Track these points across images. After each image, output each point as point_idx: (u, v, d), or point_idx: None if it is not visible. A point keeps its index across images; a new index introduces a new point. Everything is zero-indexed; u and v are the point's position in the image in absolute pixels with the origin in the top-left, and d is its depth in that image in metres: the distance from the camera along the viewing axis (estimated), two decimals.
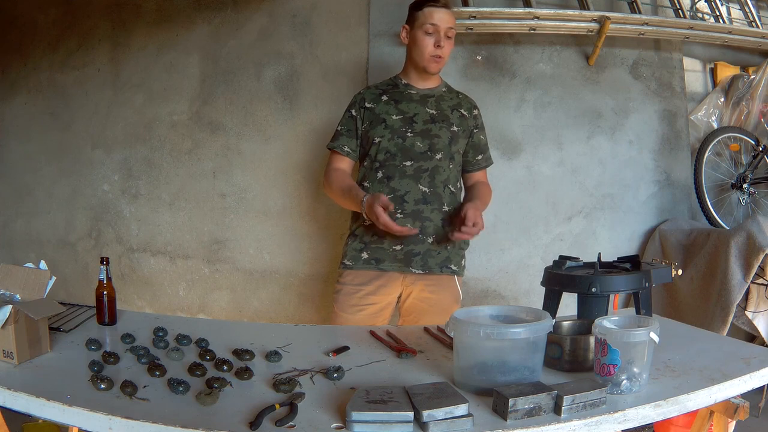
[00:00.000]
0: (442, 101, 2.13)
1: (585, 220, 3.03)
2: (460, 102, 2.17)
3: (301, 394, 1.17)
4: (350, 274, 2.09)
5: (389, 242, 2.03)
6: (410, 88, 2.13)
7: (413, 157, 2.04)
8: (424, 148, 2.05)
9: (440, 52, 2.03)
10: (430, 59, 2.04)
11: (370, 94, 2.13)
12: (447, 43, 2.04)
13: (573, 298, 1.48)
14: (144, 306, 3.14)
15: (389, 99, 2.10)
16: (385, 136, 2.05)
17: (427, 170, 2.04)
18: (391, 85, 2.16)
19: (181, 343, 1.47)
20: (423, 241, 2.04)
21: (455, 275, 2.12)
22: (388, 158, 2.05)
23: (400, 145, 2.04)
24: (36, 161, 3.26)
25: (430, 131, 2.06)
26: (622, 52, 3.07)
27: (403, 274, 2.07)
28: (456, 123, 2.10)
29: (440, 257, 2.07)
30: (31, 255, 3.19)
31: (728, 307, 2.47)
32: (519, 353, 1.20)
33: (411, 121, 2.06)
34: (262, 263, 3.05)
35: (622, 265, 1.54)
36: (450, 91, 2.19)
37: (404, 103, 2.09)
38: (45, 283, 1.39)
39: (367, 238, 2.07)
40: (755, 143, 3.20)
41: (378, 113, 2.08)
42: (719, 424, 1.37)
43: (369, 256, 2.06)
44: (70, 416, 1.08)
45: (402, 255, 2.04)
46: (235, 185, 3.05)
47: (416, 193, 2.03)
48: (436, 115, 2.09)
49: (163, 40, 3.09)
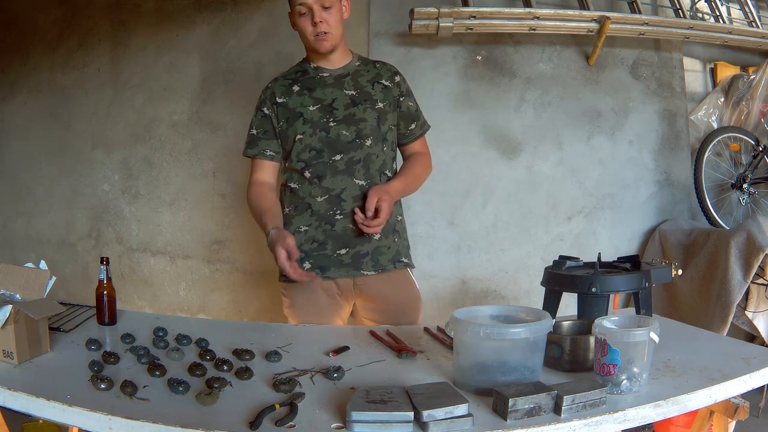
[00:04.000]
0: (359, 77, 1.91)
1: (585, 220, 3.03)
2: (378, 72, 1.94)
3: (301, 394, 1.17)
4: (295, 288, 1.88)
5: (332, 246, 1.85)
6: (321, 71, 1.91)
7: (341, 148, 1.84)
8: (350, 136, 1.84)
9: (322, 28, 1.80)
10: (314, 40, 1.83)
11: (280, 87, 1.90)
12: (327, 15, 1.80)
13: (573, 298, 1.48)
14: (144, 306, 3.14)
15: (302, 88, 1.88)
16: (306, 132, 1.84)
17: (359, 161, 1.84)
18: (300, 71, 1.93)
19: (181, 343, 1.47)
20: (369, 240, 1.86)
21: (407, 268, 1.96)
22: (313, 156, 1.84)
23: (325, 139, 1.84)
24: (36, 161, 3.26)
25: (354, 116, 1.85)
26: (622, 52, 3.07)
27: (353, 279, 1.88)
28: (380, 98, 1.89)
29: (391, 252, 1.90)
30: (31, 255, 3.19)
31: (728, 307, 2.47)
32: (519, 353, 1.20)
33: (330, 108, 1.85)
34: (262, 263, 3.04)
35: (622, 265, 1.54)
36: (365, 63, 1.97)
37: (318, 89, 1.87)
38: (45, 283, 1.39)
39: (306, 246, 1.86)
40: (755, 143, 3.20)
41: (293, 107, 1.86)
42: (719, 424, 1.37)
43: (312, 266, 1.86)
44: (70, 416, 1.08)
45: (349, 259, 1.85)
46: (235, 185, 3.05)
47: (353, 189, 1.83)
48: (356, 95, 1.87)
49: (163, 40, 3.09)
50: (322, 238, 1.86)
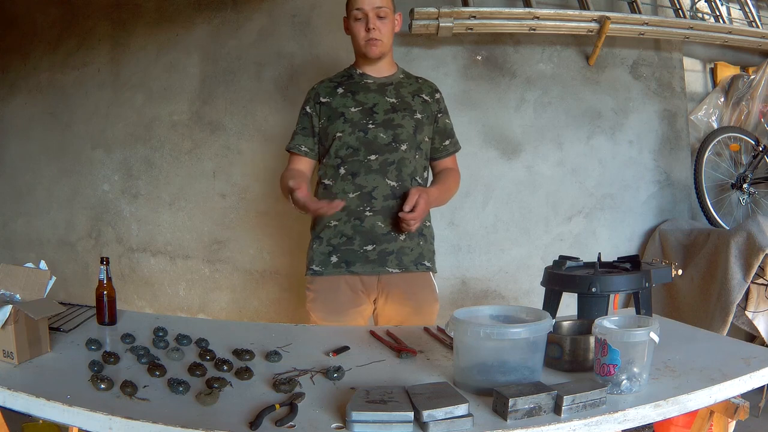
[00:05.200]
0: (401, 88, 2.03)
1: (585, 220, 3.03)
2: (420, 87, 2.07)
3: (301, 394, 1.17)
4: (321, 281, 1.98)
5: (360, 242, 1.94)
6: (366, 77, 2.03)
7: (377, 150, 1.94)
8: (387, 139, 1.95)
9: (374, 35, 1.94)
10: (365, 44, 1.96)
11: (325, 88, 2.03)
12: (381, 24, 1.94)
13: (573, 298, 1.48)
14: (144, 306, 3.14)
15: (345, 91, 2.00)
16: (345, 131, 1.96)
17: (393, 163, 1.95)
18: (346, 76, 2.06)
19: (181, 343, 1.47)
20: (396, 239, 1.96)
21: (430, 272, 2.04)
22: (350, 153, 1.95)
23: (362, 139, 1.95)
24: (36, 161, 3.26)
25: (393, 121, 1.96)
26: (622, 52, 3.07)
27: (378, 276, 1.97)
28: (419, 110, 2.01)
29: (414, 254, 1.99)
30: (31, 255, 3.19)
31: (728, 307, 2.47)
32: (519, 353, 1.20)
33: (371, 112, 1.97)
34: (262, 263, 3.05)
35: (622, 265, 1.54)
36: (408, 77, 2.09)
37: (362, 93, 1.99)
38: (45, 283, 1.39)
39: (334, 241, 1.97)
40: (755, 143, 3.20)
41: (335, 107, 1.98)
42: (719, 424, 1.37)
43: (339, 260, 1.96)
44: (70, 416, 1.08)
45: (375, 255, 1.95)
46: (235, 185, 3.05)
47: (384, 189, 1.94)
48: (396, 103, 1.99)
49: (163, 40, 3.09)
50: (351, 233, 1.94)
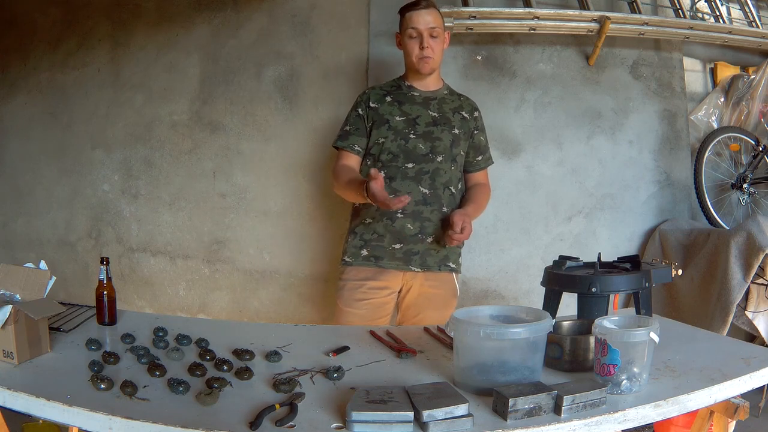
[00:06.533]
0: (444, 104, 2.18)
1: (585, 220, 3.03)
2: (461, 104, 2.22)
3: (301, 394, 1.17)
4: (351, 270, 2.13)
5: (389, 240, 2.08)
6: (413, 90, 2.18)
7: (415, 159, 2.08)
8: (425, 150, 2.09)
9: (427, 53, 2.09)
10: (418, 61, 2.11)
11: (375, 95, 2.18)
12: (433, 42, 2.10)
13: (573, 298, 1.48)
14: (144, 306, 3.14)
15: (393, 100, 2.15)
16: (388, 137, 2.10)
17: (428, 172, 2.08)
18: (395, 86, 2.21)
19: (181, 343, 1.47)
20: (422, 241, 2.08)
21: (453, 272, 2.16)
22: (390, 159, 2.09)
23: (403, 147, 2.09)
24: (36, 161, 3.26)
25: (432, 134, 2.11)
26: (622, 52, 3.07)
27: (402, 272, 2.11)
28: (457, 125, 2.15)
29: (439, 256, 2.11)
30: (31, 255, 3.19)
31: (728, 307, 2.47)
32: (519, 353, 1.20)
33: (414, 123, 2.11)
34: (262, 263, 3.05)
35: (622, 265, 1.54)
36: (452, 94, 2.24)
37: (407, 105, 2.14)
38: (45, 283, 1.39)
39: (367, 236, 2.11)
40: (755, 143, 3.20)
41: (382, 114, 2.13)
42: (719, 424, 1.37)
43: (368, 254, 2.10)
44: (70, 416, 1.08)
45: (401, 254, 2.08)
46: (235, 185, 3.05)
47: (417, 195, 2.06)
48: (438, 117, 2.14)
49: (163, 40, 3.09)
50: (382, 231, 2.08)
